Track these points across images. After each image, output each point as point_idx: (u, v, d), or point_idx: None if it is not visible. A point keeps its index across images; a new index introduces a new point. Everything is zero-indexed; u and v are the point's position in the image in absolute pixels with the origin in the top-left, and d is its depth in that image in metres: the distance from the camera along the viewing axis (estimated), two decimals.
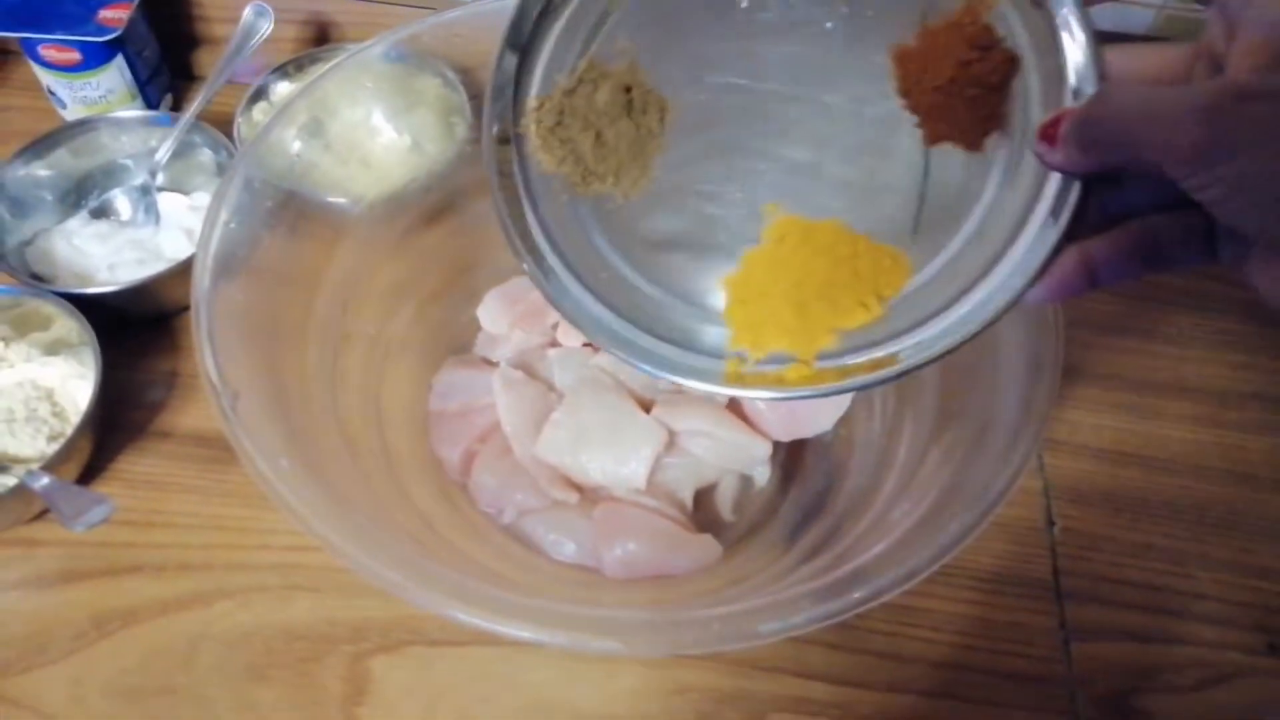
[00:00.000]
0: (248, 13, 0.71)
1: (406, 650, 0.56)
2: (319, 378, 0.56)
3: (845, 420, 0.61)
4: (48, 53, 0.71)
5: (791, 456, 0.63)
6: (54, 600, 0.57)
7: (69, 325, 0.60)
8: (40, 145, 0.68)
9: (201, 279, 0.48)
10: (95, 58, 0.71)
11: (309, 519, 0.41)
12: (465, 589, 0.40)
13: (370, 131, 0.67)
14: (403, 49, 0.61)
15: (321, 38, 0.81)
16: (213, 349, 0.45)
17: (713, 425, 0.58)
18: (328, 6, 0.79)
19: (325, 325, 0.58)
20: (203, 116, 0.69)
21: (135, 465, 0.62)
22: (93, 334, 0.59)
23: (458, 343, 0.67)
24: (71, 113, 0.75)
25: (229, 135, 0.70)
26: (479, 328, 0.67)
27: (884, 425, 0.58)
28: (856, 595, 0.41)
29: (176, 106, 0.80)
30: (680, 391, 0.61)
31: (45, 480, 0.54)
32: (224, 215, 0.51)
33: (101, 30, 0.69)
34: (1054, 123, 0.33)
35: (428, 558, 0.49)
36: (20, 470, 0.55)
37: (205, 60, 0.83)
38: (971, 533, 0.41)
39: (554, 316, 0.65)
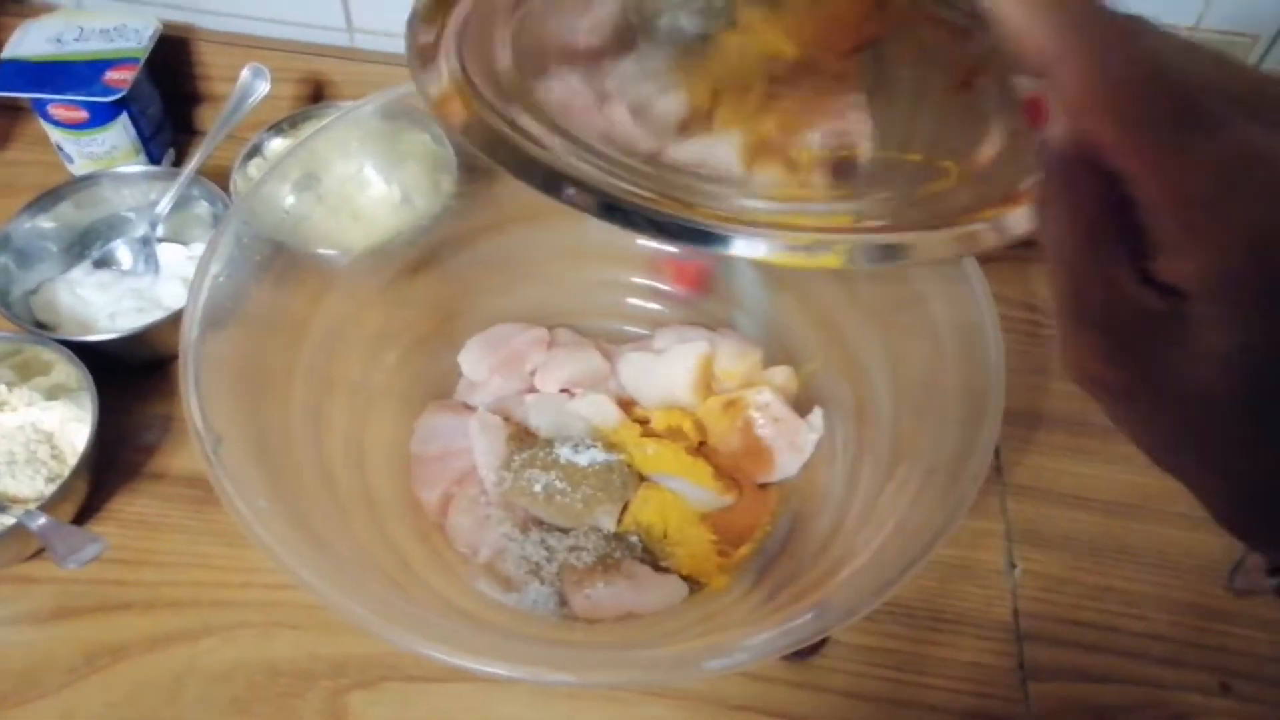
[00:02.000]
0: (245, 73, 0.75)
1: (384, 686, 0.58)
2: (303, 422, 0.59)
3: (809, 465, 0.63)
4: (57, 111, 0.75)
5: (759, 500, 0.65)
6: (48, 636, 0.59)
7: (68, 371, 0.63)
8: (46, 200, 0.71)
9: (190, 329, 0.51)
10: (101, 116, 0.75)
11: (283, 556, 0.44)
12: (427, 624, 0.43)
13: (361, 185, 0.70)
14: (393, 108, 0.65)
15: (317, 95, 0.85)
16: (198, 396, 0.48)
17: (684, 479, 0.60)
18: (324, 66, 0.83)
19: (311, 372, 0.61)
20: (201, 171, 0.73)
21: (129, 506, 0.65)
22: (90, 380, 0.62)
23: (440, 388, 0.69)
24: (79, 167, 0.79)
25: (227, 188, 0.74)
26: (460, 374, 0.69)
27: (845, 469, 0.61)
28: (799, 633, 0.43)
29: (179, 160, 0.83)
30: (651, 436, 0.64)
31: (42, 520, 0.57)
32: (214, 268, 0.54)
33: (108, 91, 0.73)
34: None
35: (400, 596, 0.52)
36: (19, 510, 0.58)
37: (207, 116, 0.86)
38: (908, 572, 0.44)
39: (531, 363, 0.68)
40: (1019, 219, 0.34)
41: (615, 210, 0.37)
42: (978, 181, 0.36)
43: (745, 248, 0.36)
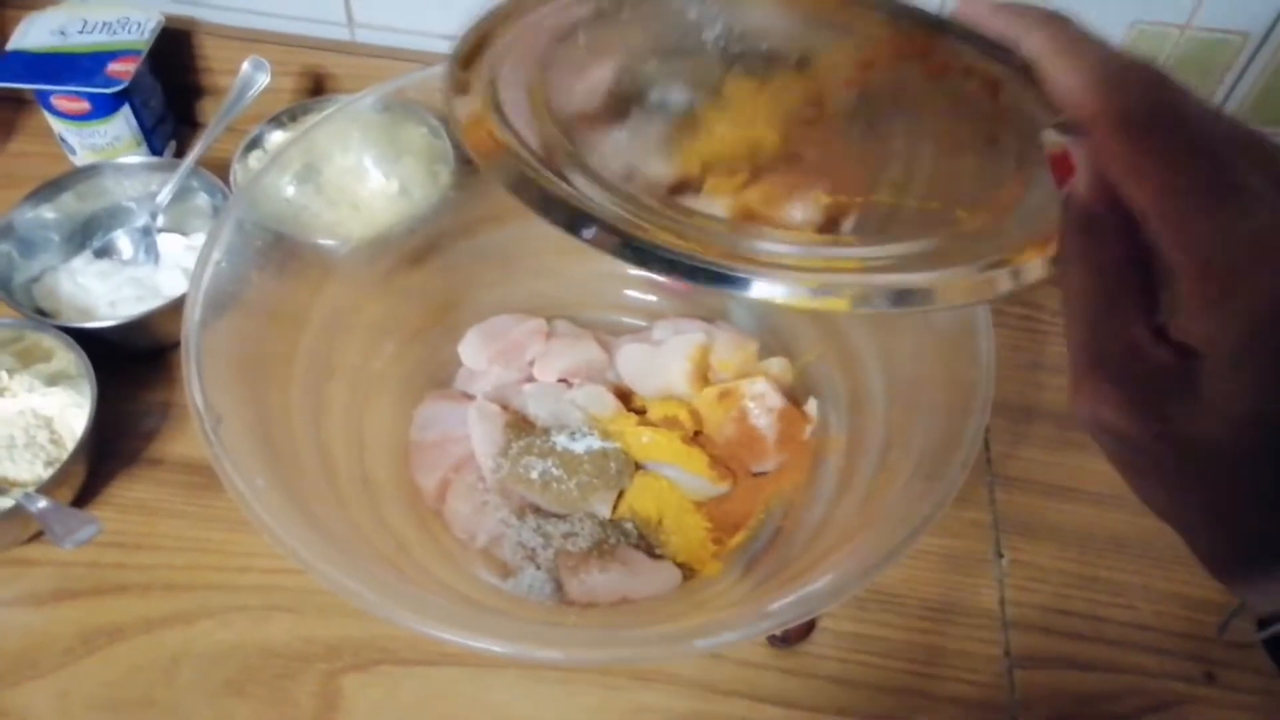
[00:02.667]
0: (246, 66, 0.76)
1: (377, 669, 0.59)
2: (303, 408, 0.60)
3: (803, 454, 0.64)
4: (60, 103, 0.75)
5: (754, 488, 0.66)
6: (45, 617, 0.60)
7: (68, 358, 0.64)
8: (48, 190, 0.72)
9: (192, 312, 0.52)
10: (104, 107, 0.76)
11: (280, 533, 0.44)
12: (421, 601, 0.43)
13: (360, 177, 0.71)
14: (391, 101, 0.66)
15: (317, 89, 0.85)
16: (200, 376, 0.49)
17: (679, 468, 0.61)
18: (324, 59, 0.84)
19: (311, 359, 0.62)
20: (202, 162, 0.74)
21: (127, 491, 0.65)
22: (90, 366, 0.63)
23: (439, 377, 0.70)
24: (81, 158, 0.80)
25: (226, 180, 0.74)
26: (460, 363, 0.70)
27: (838, 459, 0.62)
28: (786, 614, 0.43)
29: (180, 152, 0.84)
30: (647, 425, 0.64)
31: (41, 502, 0.57)
32: (216, 254, 0.55)
33: (110, 82, 0.74)
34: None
35: (396, 576, 0.52)
36: (18, 493, 0.58)
37: (208, 108, 0.87)
38: (891, 558, 0.45)
39: (530, 353, 0.69)
40: (1035, 267, 0.34)
41: (635, 251, 0.37)
42: (996, 230, 0.37)
43: (764, 290, 0.37)
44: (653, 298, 0.73)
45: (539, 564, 0.60)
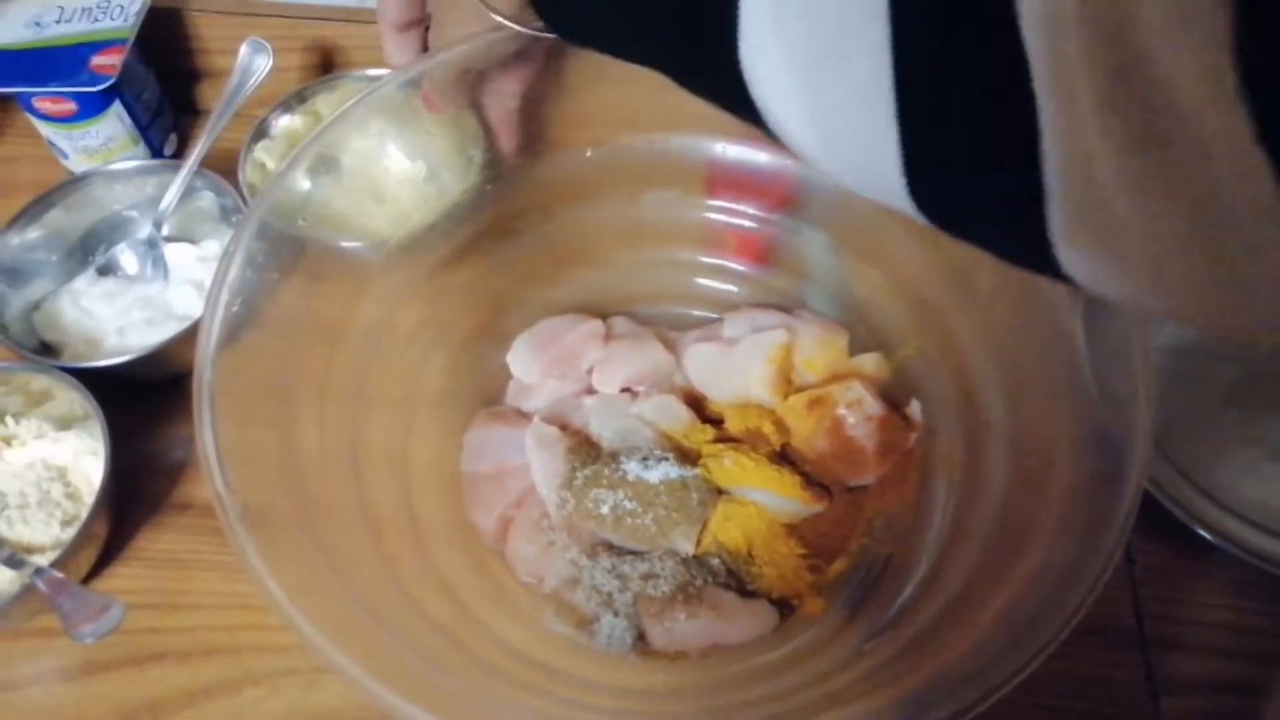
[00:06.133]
0: (244, 50, 0.67)
1: None
2: (338, 447, 0.53)
3: (909, 466, 0.56)
4: (42, 105, 0.67)
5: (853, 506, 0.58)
6: (77, 694, 0.54)
7: (72, 398, 0.57)
8: (35, 209, 0.64)
9: (204, 369, 0.44)
10: (91, 107, 0.67)
11: (320, 644, 0.37)
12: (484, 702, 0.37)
13: (383, 162, 0.63)
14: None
15: (326, 64, 0.77)
16: (219, 463, 0.42)
17: (769, 491, 0.53)
18: (330, 32, 0.75)
19: (344, 387, 0.54)
20: (203, 161, 0.66)
21: (155, 543, 0.59)
22: (98, 408, 0.56)
23: (488, 393, 0.63)
24: (75, 163, 0.72)
25: (231, 176, 0.66)
26: (510, 375, 0.63)
27: (949, 472, 0.54)
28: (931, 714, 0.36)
29: (182, 146, 0.76)
30: (727, 440, 0.57)
31: (54, 577, 0.51)
32: (226, 296, 0.47)
33: (96, 79, 0.66)
34: None
35: (455, 656, 0.46)
36: (31, 566, 0.52)
37: (209, 93, 0.79)
38: (1057, 638, 0.37)
39: (588, 361, 0.61)
40: None
41: None
42: None
43: None
44: (721, 284, 0.65)
45: (617, 610, 0.53)
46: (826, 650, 0.50)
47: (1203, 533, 0.55)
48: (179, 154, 0.76)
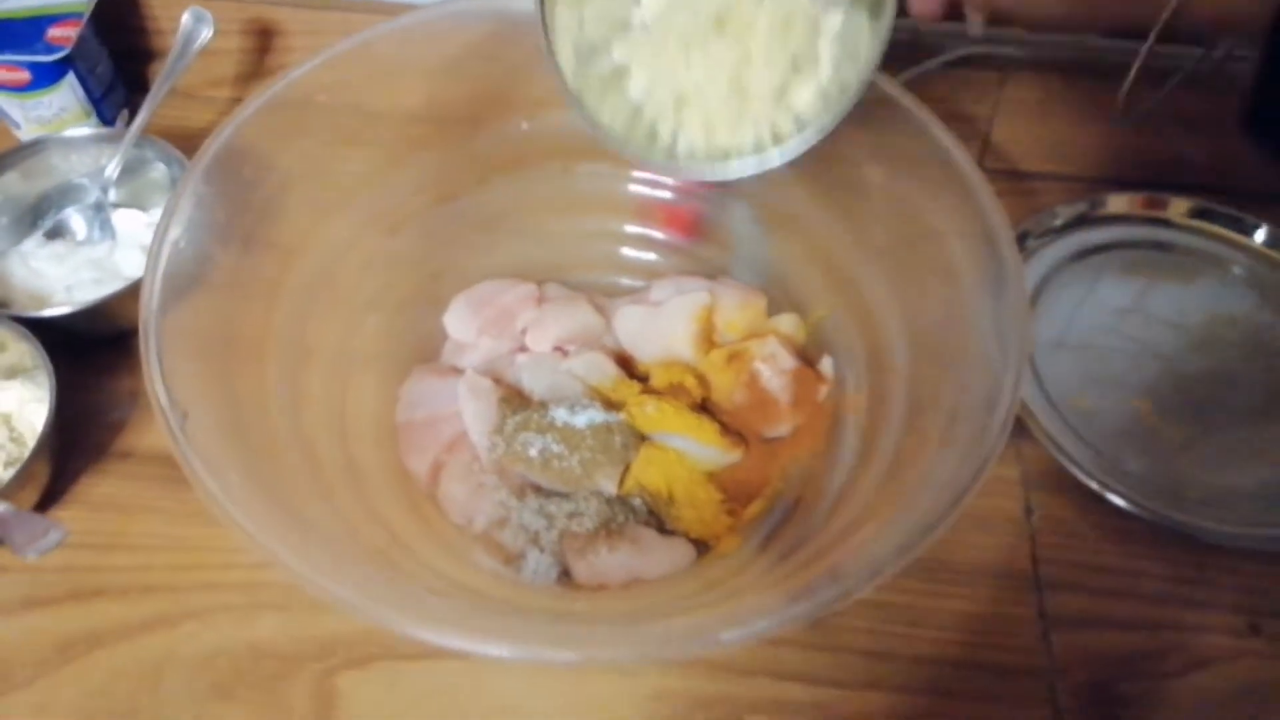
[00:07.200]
0: (186, 18, 0.70)
1: (374, 665, 0.55)
2: (279, 394, 0.55)
3: (820, 417, 0.60)
4: None
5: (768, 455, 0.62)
6: (17, 627, 0.56)
7: (23, 349, 0.59)
8: None
9: (150, 298, 0.47)
10: (45, 77, 0.70)
11: (258, 534, 0.40)
12: (417, 602, 0.39)
13: None
14: None
15: (265, 47, 0.79)
16: (160, 368, 0.44)
17: (688, 438, 0.57)
18: (273, 14, 0.78)
19: (285, 339, 0.57)
20: (156, 130, 0.68)
21: (97, 488, 0.61)
22: (46, 357, 0.58)
23: (425, 352, 0.66)
24: (26, 132, 0.74)
25: (184, 147, 0.69)
26: (446, 336, 0.66)
27: (858, 420, 0.58)
28: (821, 597, 0.39)
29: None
30: (651, 394, 0.60)
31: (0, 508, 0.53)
32: (174, 232, 0.49)
33: (50, 49, 0.68)
34: None
35: (390, 570, 0.48)
36: None
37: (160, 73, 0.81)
38: (937, 527, 0.41)
39: (521, 321, 0.65)
40: None
41: None
42: None
43: None
44: (649, 255, 0.69)
45: (543, 547, 0.56)
46: (738, 578, 0.53)
47: (1093, 485, 0.60)
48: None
